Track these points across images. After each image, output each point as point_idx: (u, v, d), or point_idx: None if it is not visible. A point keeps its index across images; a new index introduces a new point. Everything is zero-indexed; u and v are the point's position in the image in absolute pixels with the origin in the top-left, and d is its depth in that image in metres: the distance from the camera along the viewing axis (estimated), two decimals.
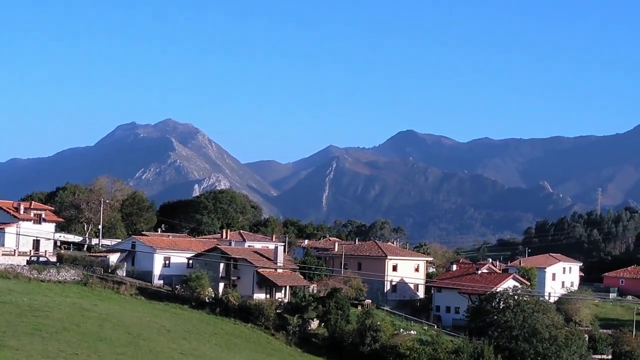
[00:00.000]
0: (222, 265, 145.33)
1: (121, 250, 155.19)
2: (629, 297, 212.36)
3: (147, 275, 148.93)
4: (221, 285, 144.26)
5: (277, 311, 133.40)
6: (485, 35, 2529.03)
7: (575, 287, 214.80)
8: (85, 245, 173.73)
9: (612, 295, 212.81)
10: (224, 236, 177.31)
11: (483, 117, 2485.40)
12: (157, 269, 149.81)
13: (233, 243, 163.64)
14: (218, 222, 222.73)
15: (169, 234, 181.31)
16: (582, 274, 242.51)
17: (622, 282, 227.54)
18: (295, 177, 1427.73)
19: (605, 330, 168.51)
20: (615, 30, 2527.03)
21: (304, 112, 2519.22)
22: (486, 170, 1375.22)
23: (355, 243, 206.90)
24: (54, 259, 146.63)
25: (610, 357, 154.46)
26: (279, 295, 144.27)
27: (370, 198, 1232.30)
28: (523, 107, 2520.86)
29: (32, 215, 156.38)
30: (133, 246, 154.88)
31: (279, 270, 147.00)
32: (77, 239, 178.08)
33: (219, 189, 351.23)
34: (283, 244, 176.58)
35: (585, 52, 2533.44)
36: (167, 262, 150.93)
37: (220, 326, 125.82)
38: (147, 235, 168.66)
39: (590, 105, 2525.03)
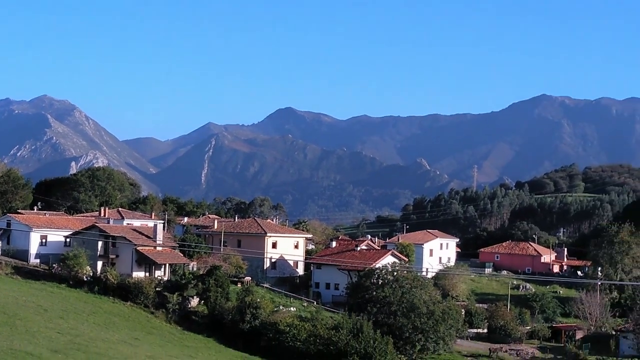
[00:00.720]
0: (100, 243, 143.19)
1: None
2: (504, 272, 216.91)
3: (23, 254, 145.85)
4: (99, 263, 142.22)
5: (157, 289, 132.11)
6: (362, 14, 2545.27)
7: (452, 263, 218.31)
8: None
9: (488, 270, 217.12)
10: (102, 214, 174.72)
11: (362, 94, 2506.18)
12: (34, 248, 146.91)
13: (111, 221, 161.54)
14: (96, 200, 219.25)
15: (45, 212, 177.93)
16: (459, 250, 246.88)
17: (497, 257, 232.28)
18: (174, 155, 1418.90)
19: (481, 305, 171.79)
20: (486, 11, 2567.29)
21: (183, 88, 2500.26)
22: (365, 147, 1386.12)
23: (234, 220, 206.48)
24: None
25: (485, 330, 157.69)
26: (158, 273, 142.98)
27: (249, 175, 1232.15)
28: (401, 86, 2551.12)
29: None
30: (8, 225, 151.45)
31: (159, 248, 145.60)
32: None
33: (96, 166, 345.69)
34: (162, 221, 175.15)
35: (459, 33, 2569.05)
36: (44, 240, 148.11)
37: (99, 305, 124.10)
38: (22, 214, 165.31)
39: (466, 84, 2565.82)
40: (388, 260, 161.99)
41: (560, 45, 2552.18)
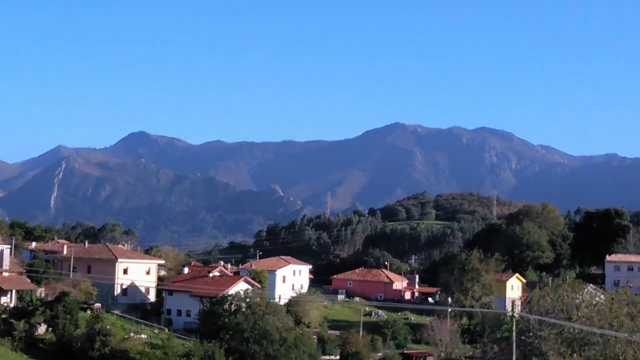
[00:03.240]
0: None
1: None
2: (357, 299, 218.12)
3: None
4: None
5: (2, 316, 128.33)
6: (212, 37, 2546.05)
7: (305, 289, 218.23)
8: None
9: (341, 296, 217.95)
10: None
11: (216, 119, 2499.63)
12: None
13: None
14: None
15: None
16: (312, 276, 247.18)
17: (350, 284, 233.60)
18: (22, 178, 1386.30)
19: (333, 332, 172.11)
20: (337, 39, 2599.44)
21: (33, 110, 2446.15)
22: (219, 173, 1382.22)
23: (85, 245, 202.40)
24: None
25: (338, 357, 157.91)
26: (4, 299, 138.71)
27: (101, 200, 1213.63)
28: (256, 111, 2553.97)
29: None
30: None
31: (5, 274, 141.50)
32: None
33: None
34: (9, 246, 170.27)
35: (314, 62, 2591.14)
36: None
37: None
38: None
39: (320, 111, 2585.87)
40: (241, 286, 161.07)
41: (412, 74, 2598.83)
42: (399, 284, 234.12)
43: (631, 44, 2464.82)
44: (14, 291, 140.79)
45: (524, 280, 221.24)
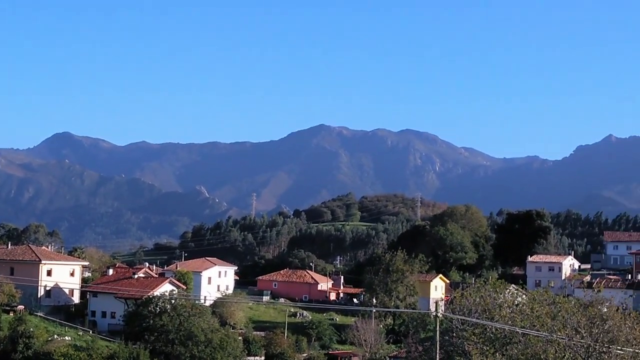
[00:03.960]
0: None
1: None
2: (282, 300, 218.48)
3: None
4: None
5: None
6: (131, 38, 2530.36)
7: (231, 291, 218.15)
8: None
9: (266, 298, 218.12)
10: None
11: (141, 120, 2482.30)
12: None
13: None
14: None
15: None
16: (238, 278, 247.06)
17: (275, 285, 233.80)
18: None
19: (258, 332, 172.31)
20: (263, 44, 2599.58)
21: None
22: (144, 174, 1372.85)
23: (7, 247, 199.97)
24: None
25: (263, 358, 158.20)
26: None
27: (24, 201, 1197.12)
28: (181, 112, 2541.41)
29: None
30: None
31: None
32: None
33: None
34: None
35: (238, 63, 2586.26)
36: None
37: None
38: None
39: (246, 113, 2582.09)
40: (166, 288, 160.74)
41: (337, 76, 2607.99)
42: (324, 285, 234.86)
43: (553, 48, 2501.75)
44: None
45: (448, 281, 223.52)
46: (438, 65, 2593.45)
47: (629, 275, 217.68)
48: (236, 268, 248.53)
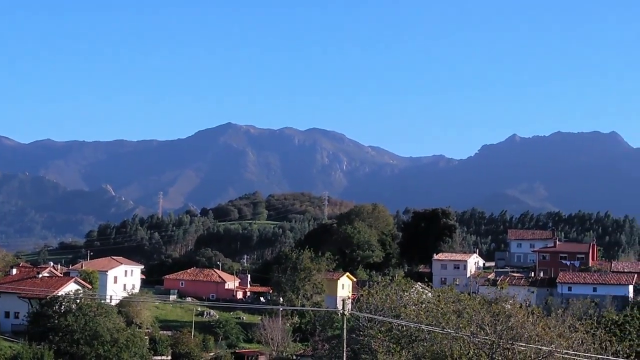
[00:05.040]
0: None
1: None
2: (189, 299, 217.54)
3: None
4: None
5: None
6: (54, 35, 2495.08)
7: (137, 290, 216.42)
8: None
9: (173, 297, 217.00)
10: None
11: (45, 118, 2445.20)
12: None
13: None
14: None
15: None
16: (144, 277, 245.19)
17: (182, 284, 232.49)
18: None
19: (165, 332, 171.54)
20: (189, 42, 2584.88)
21: None
22: (48, 172, 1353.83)
23: None
24: None
25: (170, 357, 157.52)
26: None
27: None
28: (86, 110, 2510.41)
29: None
30: None
31: None
32: None
33: None
34: None
35: (144, 59, 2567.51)
36: None
37: None
38: None
39: (152, 111, 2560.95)
40: (71, 287, 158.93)
41: (245, 74, 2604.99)
42: (231, 283, 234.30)
43: (459, 48, 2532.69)
44: None
45: (355, 279, 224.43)
46: (344, 63, 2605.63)
47: (532, 273, 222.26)
48: (143, 267, 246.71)
